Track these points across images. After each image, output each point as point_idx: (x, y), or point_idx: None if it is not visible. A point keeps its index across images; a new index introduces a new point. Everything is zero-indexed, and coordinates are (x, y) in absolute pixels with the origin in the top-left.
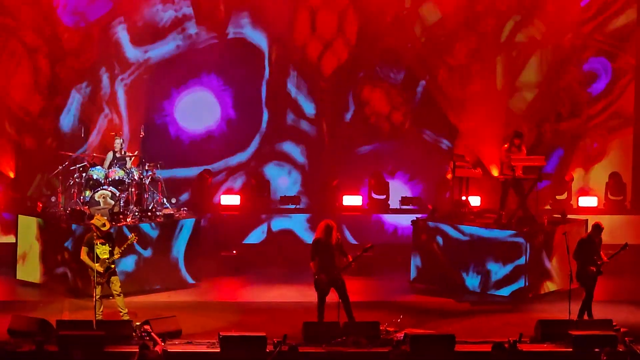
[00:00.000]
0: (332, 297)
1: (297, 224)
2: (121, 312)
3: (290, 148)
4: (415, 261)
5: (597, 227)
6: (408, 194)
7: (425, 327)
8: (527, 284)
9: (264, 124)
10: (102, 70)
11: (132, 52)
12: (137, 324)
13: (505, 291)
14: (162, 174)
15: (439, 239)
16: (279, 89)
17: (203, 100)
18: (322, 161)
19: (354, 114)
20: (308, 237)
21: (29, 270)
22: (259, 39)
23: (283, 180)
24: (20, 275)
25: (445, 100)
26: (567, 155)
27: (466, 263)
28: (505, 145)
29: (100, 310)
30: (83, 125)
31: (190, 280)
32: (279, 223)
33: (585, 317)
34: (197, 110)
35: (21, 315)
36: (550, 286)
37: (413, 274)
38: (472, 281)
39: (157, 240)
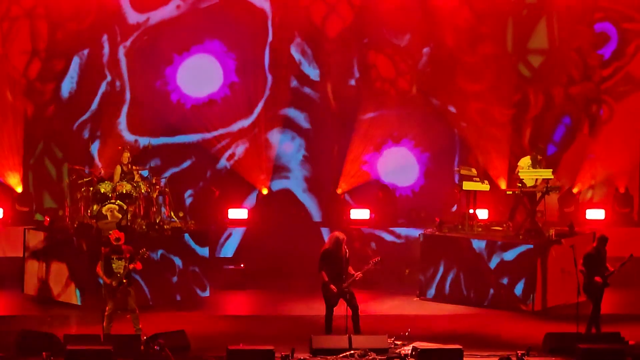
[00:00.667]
0: (340, 309)
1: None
2: (135, 328)
3: (294, 113)
4: (423, 274)
5: (603, 239)
6: (415, 169)
7: (433, 340)
8: (535, 296)
9: (267, 89)
10: (102, 34)
11: (132, 15)
12: (146, 338)
13: (513, 304)
14: (164, 140)
15: (448, 251)
16: (283, 52)
17: (205, 64)
18: (327, 126)
19: (359, 79)
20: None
21: (37, 284)
22: (262, 1)
23: (287, 146)
24: (28, 289)
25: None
26: (574, 124)
27: (475, 275)
28: (523, 159)
29: (109, 324)
30: (90, 140)
31: (199, 294)
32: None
33: (594, 330)
34: (199, 75)
35: (29, 329)
36: (558, 299)
37: (421, 286)
38: (480, 293)
39: (165, 254)
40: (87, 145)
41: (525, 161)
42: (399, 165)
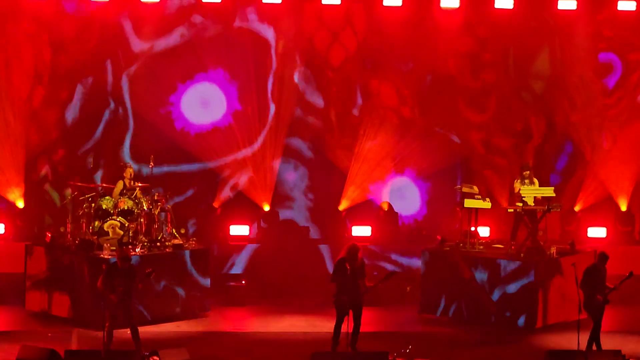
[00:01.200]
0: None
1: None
2: (136, 344)
3: (298, 142)
4: (424, 291)
5: (603, 257)
6: (416, 197)
7: (435, 358)
8: (536, 314)
9: (270, 117)
10: (106, 61)
11: (136, 43)
12: (146, 354)
13: (515, 321)
14: (167, 169)
15: (449, 269)
16: (286, 81)
17: (209, 93)
18: (330, 155)
19: (362, 106)
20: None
21: (38, 300)
22: (266, 30)
23: (290, 175)
24: (29, 305)
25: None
26: (575, 152)
27: (475, 293)
28: (517, 180)
29: (110, 340)
30: (92, 156)
31: (200, 310)
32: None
33: (594, 347)
34: (203, 103)
35: (30, 345)
36: (559, 316)
37: (422, 304)
38: (481, 311)
39: (167, 271)
40: (91, 174)
41: (517, 182)
42: (402, 196)
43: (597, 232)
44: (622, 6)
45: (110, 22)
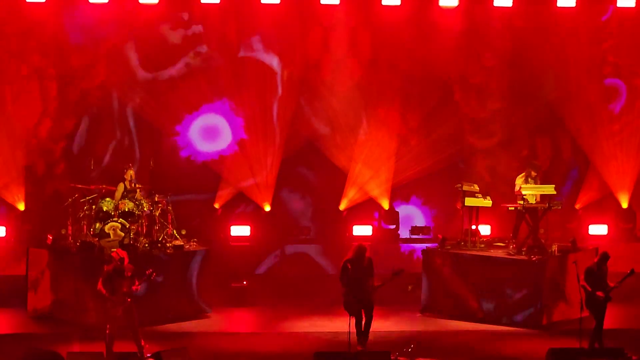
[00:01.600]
0: (343, 326)
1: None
2: (137, 345)
3: (304, 170)
4: (426, 290)
5: (604, 256)
6: (421, 220)
7: (437, 357)
8: (538, 312)
9: (276, 146)
10: (112, 93)
11: (142, 74)
12: (149, 355)
13: (516, 320)
14: (173, 198)
15: (450, 268)
16: (292, 108)
17: (215, 123)
18: (336, 181)
19: (368, 133)
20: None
21: (41, 302)
22: (271, 58)
23: (297, 203)
24: (31, 307)
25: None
26: (580, 176)
27: (477, 292)
28: (521, 176)
29: (112, 342)
30: (93, 158)
31: (202, 311)
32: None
33: (596, 345)
34: (209, 133)
35: (33, 347)
36: (561, 314)
37: (424, 302)
38: (483, 310)
39: (168, 272)
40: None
41: (520, 179)
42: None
43: (598, 229)
44: (621, 2)
45: (115, 52)
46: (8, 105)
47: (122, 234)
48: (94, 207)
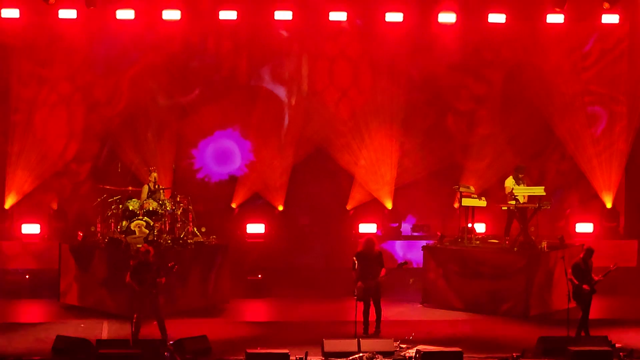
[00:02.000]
0: (349, 314)
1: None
2: (162, 333)
3: (312, 189)
4: (426, 283)
5: (589, 251)
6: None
7: (435, 344)
8: (529, 303)
9: (285, 169)
10: (134, 119)
11: (162, 101)
12: (171, 342)
13: (509, 310)
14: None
15: (448, 262)
16: (299, 134)
17: (226, 148)
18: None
19: (370, 158)
20: None
21: (71, 293)
22: (279, 88)
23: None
24: (63, 298)
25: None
26: (564, 196)
27: (473, 284)
28: (510, 179)
29: (138, 330)
30: (120, 161)
31: (220, 302)
32: None
33: (583, 333)
34: (222, 156)
35: (64, 335)
36: (550, 305)
37: (424, 294)
38: (479, 301)
39: (189, 266)
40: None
41: (509, 181)
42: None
43: (584, 227)
44: (606, 19)
45: (137, 80)
46: (39, 129)
47: (147, 231)
48: (120, 206)
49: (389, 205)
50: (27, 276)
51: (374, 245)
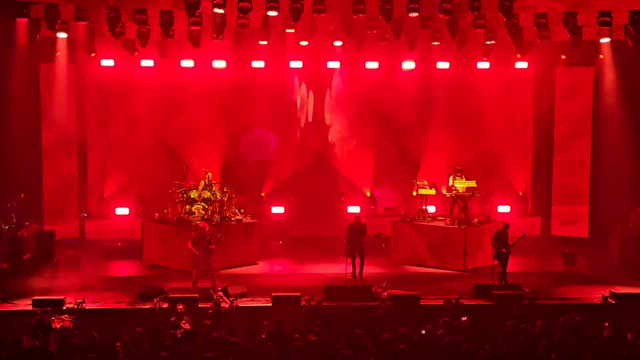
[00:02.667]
0: (340, 269)
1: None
2: (212, 283)
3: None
4: (394, 248)
5: (506, 224)
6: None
7: (402, 289)
8: (466, 261)
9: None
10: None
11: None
12: (219, 289)
13: (452, 266)
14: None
15: (410, 233)
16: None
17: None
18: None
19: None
20: None
21: (150, 256)
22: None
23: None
24: (145, 260)
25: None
26: (490, 187)
27: (427, 249)
28: (451, 176)
29: (197, 280)
30: (185, 165)
31: (253, 260)
32: None
33: (502, 282)
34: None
35: (146, 284)
36: (480, 262)
37: (393, 256)
38: (431, 259)
39: (233, 236)
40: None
41: (451, 178)
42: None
43: (504, 209)
44: (518, 65)
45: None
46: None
47: (203, 213)
48: (185, 195)
49: (367, 193)
50: (119, 244)
51: (360, 219)
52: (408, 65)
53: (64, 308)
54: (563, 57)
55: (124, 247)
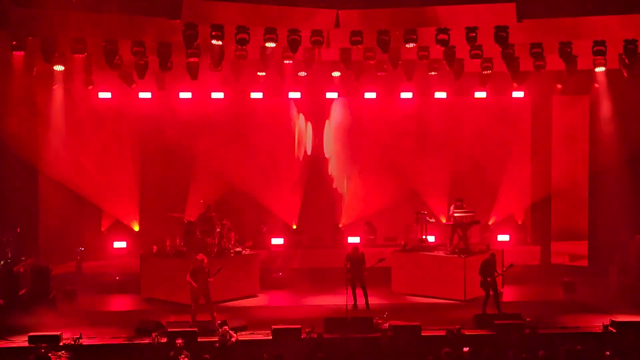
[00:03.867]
0: (340, 301)
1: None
2: (211, 316)
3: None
4: (395, 277)
5: (492, 254)
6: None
7: (402, 320)
8: (465, 290)
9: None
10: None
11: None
12: (219, 322)
13: (453, 296)
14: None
15: (411, 263)
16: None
17: None
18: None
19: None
20: None
21: (148, 289)
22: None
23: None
24: (143, 294)
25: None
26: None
27: (427, 279)
28: (452, 206)
29: (195, 314)
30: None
31: (253, 293)
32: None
33: (495, 311)
34: None
35: (144, 319)
36: (481, 291)
37: (394, 286)
38: (432, 290)
39: (232, 268)
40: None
41: (452, 207)
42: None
43: (503, 237)
44: (515, 94)
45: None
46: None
47: (202, 245)
48: (183, 228)
49: (366, 223)
50: (117, 278)
51: (357, 249)
52: (406, 95)
53: (61, 344)
54: (559, 86)
55: (121, 281)
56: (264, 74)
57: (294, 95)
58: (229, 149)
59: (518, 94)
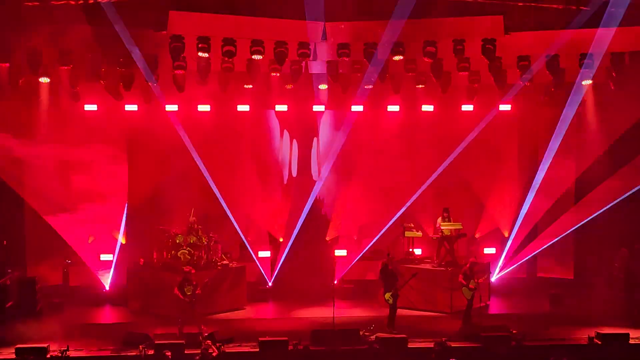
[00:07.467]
0: (327, 314)
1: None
2: (199, 328)
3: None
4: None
5: (472, 262)
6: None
7: (389, 332)
8: (452, 301)
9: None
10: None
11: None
12: (206, 334)
13: (439, 308)
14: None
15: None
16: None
17: None
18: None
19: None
20: None
21: (136, 301)
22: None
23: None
24: (130, 305)
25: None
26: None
27: (414, 291)
28: (439, 218)
29: (183, 326)
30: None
31: (240, 305)
32: None
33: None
34: None
35: (131, 331)
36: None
37: (380, 298)
38: (419, 302)
39: (219, 281)
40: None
41: (439, 219)
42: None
43: (489, 250)
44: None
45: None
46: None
47: (189, 258)
48: (170, 241)
49: (354, 236)
50: (104, 290)
51: (388, 264)
52: (393, 108)
53: (48, 356)
54: (546, 98)
55: (108, 293)
56: (250, 86)
57: (281, 107)
58: (216, 161)
59: (505, 107)
